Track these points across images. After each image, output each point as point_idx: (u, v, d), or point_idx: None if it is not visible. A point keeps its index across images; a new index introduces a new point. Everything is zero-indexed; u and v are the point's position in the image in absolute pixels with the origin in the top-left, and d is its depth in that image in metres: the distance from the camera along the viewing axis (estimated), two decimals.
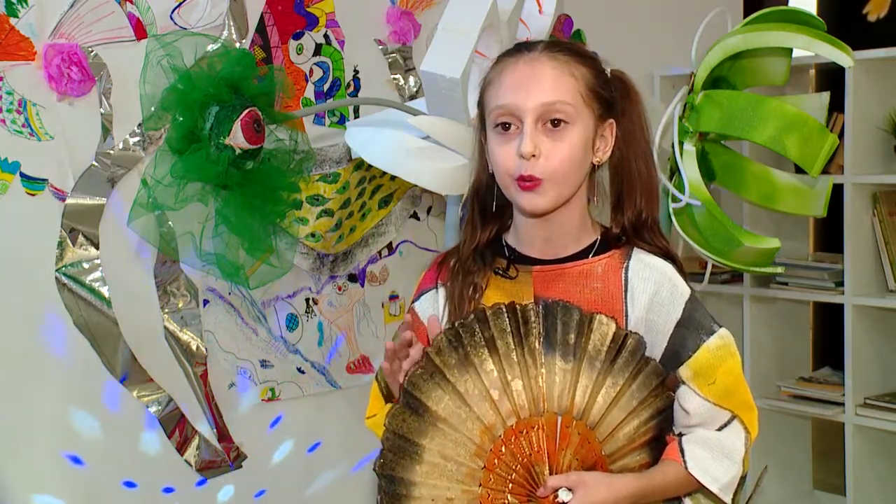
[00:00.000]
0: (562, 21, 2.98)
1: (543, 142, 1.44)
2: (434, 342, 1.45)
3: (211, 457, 2.42)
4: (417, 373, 1.44)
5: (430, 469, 1.43)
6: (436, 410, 1.43)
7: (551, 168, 1.44)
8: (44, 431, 2.21)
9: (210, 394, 2.42)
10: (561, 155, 1.45)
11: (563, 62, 1.47)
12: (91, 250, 2.24)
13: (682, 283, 1.52)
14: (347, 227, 2.61)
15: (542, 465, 1.43)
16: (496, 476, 1.43)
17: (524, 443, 1.43)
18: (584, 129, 1.47)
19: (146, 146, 2.27)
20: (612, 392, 1.45)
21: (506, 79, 1.48)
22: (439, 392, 1.44)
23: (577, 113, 1.46)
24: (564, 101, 1.45)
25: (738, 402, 1.51)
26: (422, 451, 1.43)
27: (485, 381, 1.43)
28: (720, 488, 1.49)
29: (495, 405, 1.43)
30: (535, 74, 1.46)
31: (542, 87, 1.45)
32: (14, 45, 2.11)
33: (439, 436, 1.43)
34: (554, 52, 1.48)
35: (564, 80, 1.46)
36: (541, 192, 1.45)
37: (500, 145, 1.48)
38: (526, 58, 1.48)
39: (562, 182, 1.46)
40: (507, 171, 1.47)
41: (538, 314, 1.45)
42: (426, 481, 1.43)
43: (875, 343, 3.08)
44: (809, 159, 2.07)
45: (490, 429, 1.43)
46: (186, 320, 2.39)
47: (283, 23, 2.49)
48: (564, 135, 1.45)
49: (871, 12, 4.27)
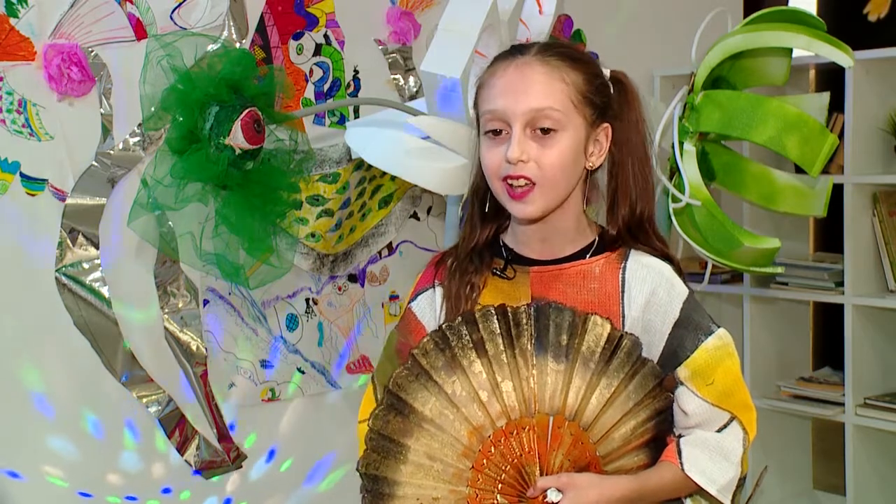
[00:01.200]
0: (562, 21, 2.98)
1: (532, 147, 1.44)
2: (420, 344, 1.45)
3: (211, 457, 2.42)
4: (402, 374, 1.44)
5: (415, 469, 1.43)
6: (422, 411, 1.43)
7: (540, 173, 1.45)
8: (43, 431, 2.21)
9: (210, 394, 2.42)
10: (550, 160, 1.45)
11: (554, 67, 1.46)
12: (91, 250, 2.23)
13: (679, 283, 1.52)
14: (347, 227, 2.61)
15: (533, 465, 1.43)
16: (485, 476, 1.43)
17: (515, 444, 1.43)
18: (574, 134, 1.47)
19: (146, 146, 2.27)
20: (607, 393, 1.44)
21: (497, 83, 1.48)
22: (425, 393, 1.43)
23: (567, 119, 1.45)
24: (553, 108, 1.44)
25: (736, 402, 1.50)
26: (406, 452, 1.43)
27: (473, 382, 1.43)
28: (718, 490, 1.48)
29: (484, 406, 1.43)
30: (524, 80, 1.45)
31: (532, 92, 1.44)
32: (14, 45, 2.11)
33: (425, 436, 1.43)
34: (546, 57, 1.47)
35: (554, 85, 1.45)
36: (530, 200, 1.46)
37: (490, 149, 1.48)
38: (518, 62, 1.47)
39: (551, 188, 1.46)
40: (496, 175, 1.47)
41: (530, 316, 1.44)
42: (411, 481, 1.43)
43: (875, 343, 3.08)
44: (809, 159, 2.07)
45: (479, 430, 1.43)
46: (186, 320, 2.39)
47: (283, 23, 2.49)
48: (553, 141, 1.45)
49: (871, 12, 4.27)
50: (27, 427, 2.19)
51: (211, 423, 2.42)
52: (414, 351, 1.45)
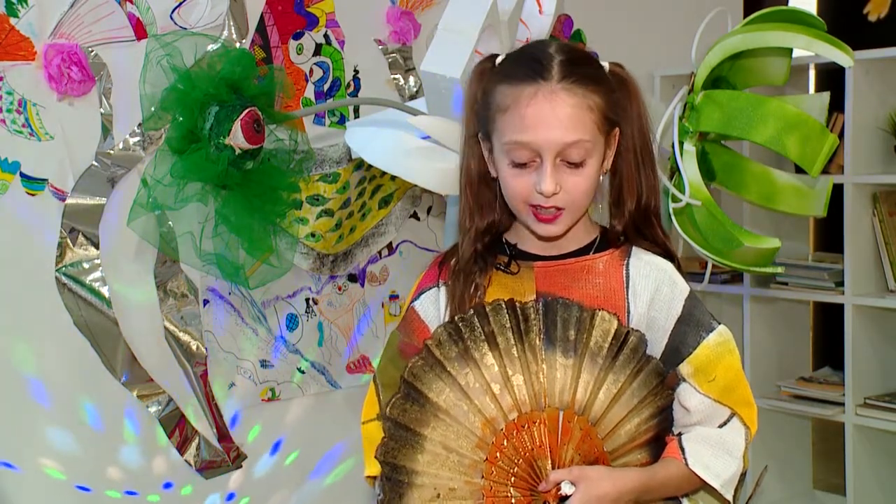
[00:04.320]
0: (562, 21, 2.98)
1: (564, 178, 1.44)
2: (434, 335, 1.46)
3: (211, 457, 2.42)
4: (418, 364, 1.45)
5: (432, 459, 1.43)
6: (437, 402, 1.44)
7: (571, 199, 1.46)
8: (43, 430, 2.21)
9: (210, 394, 2.42)
10: (582, 188, 1.46)
11: (581, 96, 1.44)
12: (91, 250, 2.24)
13: (681, 280, 1.53)
14: (347, 227, 2.61)
15: (545, 459, 1.43)
16: (498, 469, 1.43)
17: (526, 437, 1.43)
18: (598, 155, 1.47)
19: (146, 146, 2.27)
20: (614, 389, 1.45)
21: (524, 112, 1.44)
22: (440, 384, 1.44)
23: (594, 146, 1.46)
24: (585, 140, 1.44)
25: (737, 398, 1.51)
26: (423, 441, 1.43)
27: (485, 374, 1.44)
28: (721, 484, 1.48)
29: (496, 399, 1.43)
30: (554, 112, 1.43)
31: (563, 126, 1.43)
32: (14, 45, 2.11)
33: (441, 426, 1.43)
34: (571, 84, 1.44)
35: (583, 116, 1.44)
36: (559, 222, 1.47)
37: (516, 177, 1.47)
38: (543, 91, 1.44)
39: (579, 210, 1.49)
40: (524, 200, 1.47)
41: (538, 311, 1.45)
42: (428, 470, 1.43)
43: (875, 343, 3.08)
44: (809, 159, 2.06)
45: (492, 422, 1.43)
46: (186, 320, 2.39)
47: (283, 23, 2.49)
48: (584, 169, 1.45)
49: (871, 12, 4.27)
50: (23, 417, 2.19)
51: (211, 423, 2.42)
52: (428, 341, 1.45)
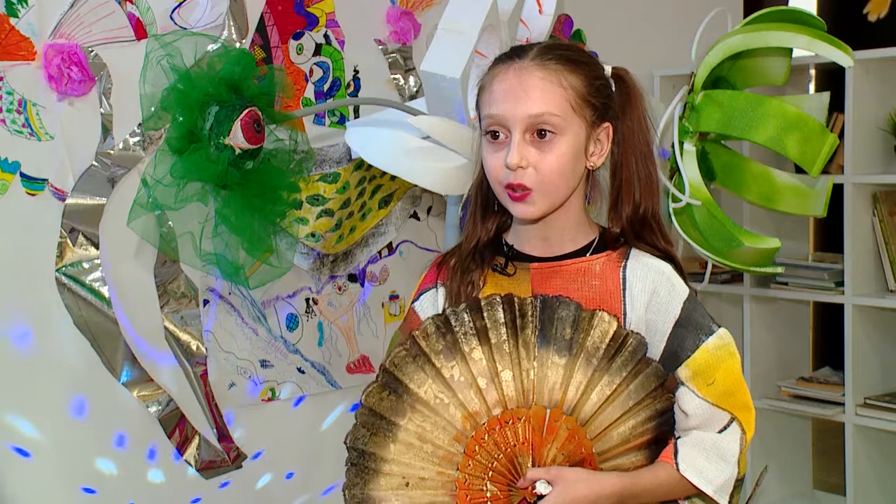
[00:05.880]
0: (562, 21, 2.98)
1: (531, 152, 1.45)
2: (422, 327, 1.46)
3: (211, 457, 2.42)
4: (401, 354, 1.45)
5: (404, 448, 1.44)
6: (417, 392, 1.44)
7: (539, 178, 1.46)
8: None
9: (210, 394, 2.42)
10: (549, 165, 1.46)
11: (552, 71, 1.46)
12: (91, 250, 2.23)
13: (680, 282, 1.52)
14: (347, 227, 2.61)
15: (526, 456, 1.43)
16: (476, 462, 1.43)
17: (509, 433, 1.44)
18: (573, 137, 1.47)
19: (146, 146, 2.27)
20: (608, 390, 1.44)
21: (496, 87, 1.48)
22: (422, 375, 1.44)
23: (566, 123, 1.46)
24: (552, 113, 1.45)
25: (737, 402, 1.50)
26: (397, 430, 1.44)
27: (472, 368, 1.44)
28: (714, 490, 1.47)
29: (481, 393, 1.44)
30: (522, 85, 1.46)
31: (530, 98, 1.45)
32: (14, 45, 2.11)
33: (418, 417, 1.44)
34: (544, 61, 1.47)
35: (553, 90, 1.45)
36: (530, 201, 1.47)
37: (491, 154, 1.49)
38: (516, 66, 1.48)
39: (551, 191, 1.48)
40: (497, 179, 1.49)
41: (535, 308, 1.45)
42: (399, 459, 1.44)
43: (875, 343, 3.08)
44: (809, 159, 2.07)
45: (474, 416, 1.43)
46: (186, 320, 2.39)
47: (283, 23, 2.49)
48: (552, 145, 1.46)
49: (871, 12, 4.27)
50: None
51: (211, 423, 2.42)
52: (415, 332, 1.45)
